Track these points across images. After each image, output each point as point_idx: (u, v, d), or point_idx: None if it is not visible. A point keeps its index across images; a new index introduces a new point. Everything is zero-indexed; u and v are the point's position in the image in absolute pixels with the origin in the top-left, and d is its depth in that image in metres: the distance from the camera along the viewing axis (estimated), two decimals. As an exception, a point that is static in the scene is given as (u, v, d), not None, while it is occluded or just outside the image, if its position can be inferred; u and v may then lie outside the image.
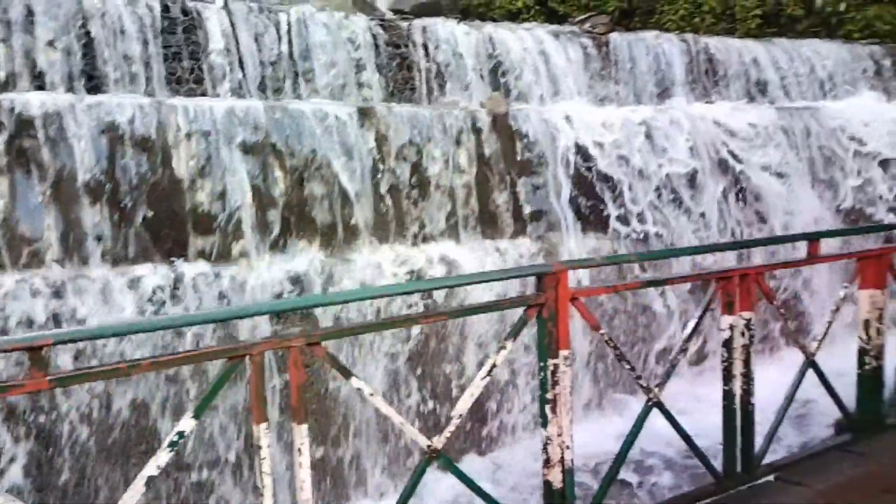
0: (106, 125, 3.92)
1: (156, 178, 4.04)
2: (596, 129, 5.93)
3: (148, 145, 4.02)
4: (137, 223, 3.95)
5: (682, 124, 6.28)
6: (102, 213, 3.88)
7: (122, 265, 3.91)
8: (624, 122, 6.09)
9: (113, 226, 3.89)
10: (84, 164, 3.84)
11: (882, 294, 3.49)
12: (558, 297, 2.72)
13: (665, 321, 5.53)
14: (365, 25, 6.14)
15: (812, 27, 10.00)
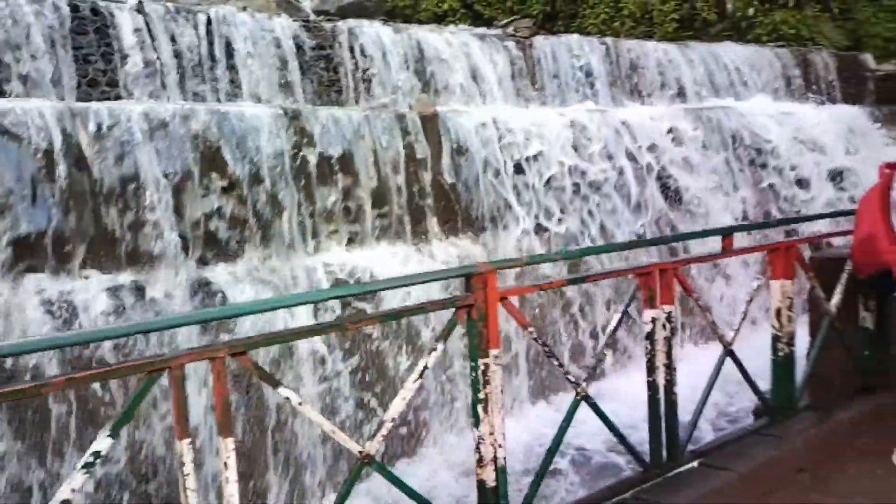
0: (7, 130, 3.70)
1: (69, 185, 3.84)
2: (523, 131, 6.03)
3: (57, 150, 3.81)
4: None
5: (605, 125, 6.48)
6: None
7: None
8: (550, 123, 6.22)
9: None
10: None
11: (791, 284, 3.68)
12: (487, 297, 2.74)
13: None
14: (288, 26, 6.04)
15: (725, 31, 10.51)
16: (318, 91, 6.08)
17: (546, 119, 6.28)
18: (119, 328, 2.89)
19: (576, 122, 6.35)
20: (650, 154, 6.56)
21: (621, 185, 6.26)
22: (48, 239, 3.73)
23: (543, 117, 6.31)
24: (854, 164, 7.30)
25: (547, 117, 6.33)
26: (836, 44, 10.28)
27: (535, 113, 6.44)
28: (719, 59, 8.20)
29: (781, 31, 10.12)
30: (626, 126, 6.58)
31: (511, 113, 6.26)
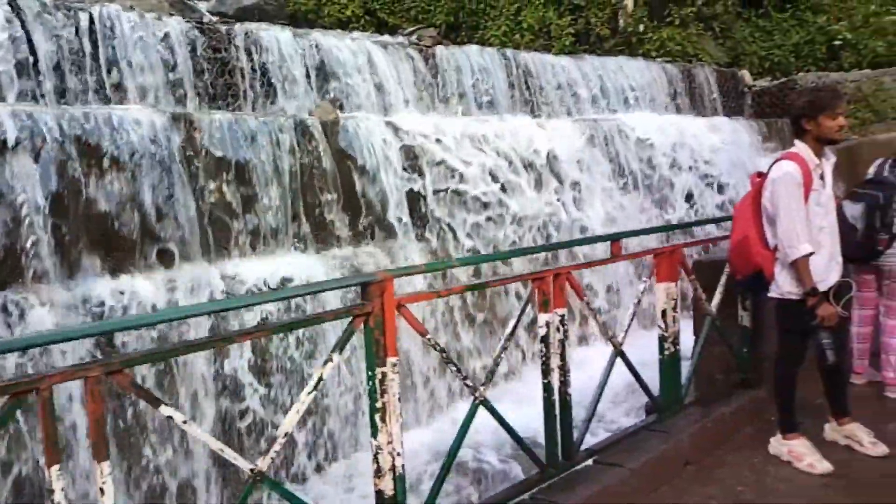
0: None
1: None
2: (424, 139, 6.06)
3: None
4: None
5: (503, 135, 6.62)
6: None
7: None
8: (451, 131, 6.29)
9: None
10: None
11: (675, 286, 3.89)
12: (384, 305, 2.72)
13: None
14: (180, 28, 5.80)
15: (617, 46, 11.02)
16: (213, 95, 5.86)
17: (447, 127, 6.34)
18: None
19: (477, 131, 6.45)
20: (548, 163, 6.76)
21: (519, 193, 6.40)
22: None
23: (446, 125, 6.37)
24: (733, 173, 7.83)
25: (449, 125, 6.39)
26: (718, 60, 11.02)
27: (437, 120, 6.49)
28: (611, 73, 8.58)
29: (668, 48, 10.72)
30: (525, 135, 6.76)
31: (412, 120, 6.27)
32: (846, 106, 3.71)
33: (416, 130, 5.99)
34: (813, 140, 3.36)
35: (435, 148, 6.04)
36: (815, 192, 3.34)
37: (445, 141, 6.18)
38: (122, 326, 2.26)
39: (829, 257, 3.43)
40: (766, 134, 8.96)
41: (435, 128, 6.23)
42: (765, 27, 11.59)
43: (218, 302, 3.46)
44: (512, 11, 10.97)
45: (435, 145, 6.05)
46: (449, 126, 6.37)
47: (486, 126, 6.60)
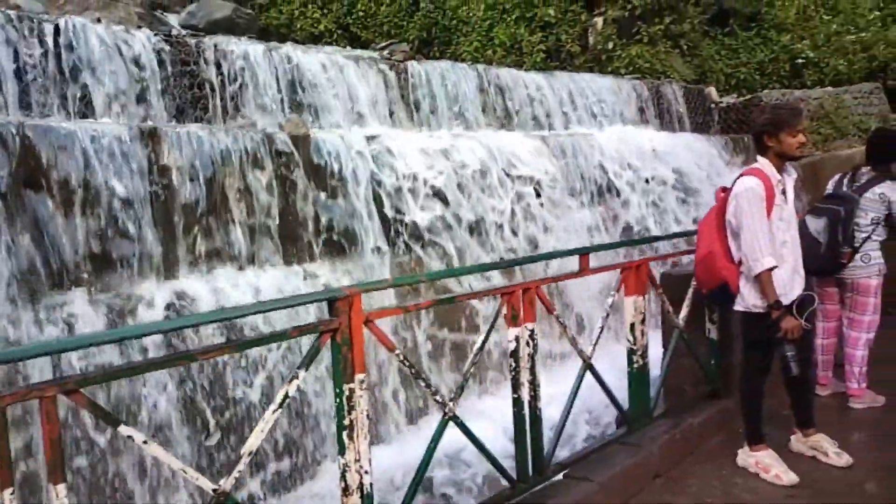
0: None
1: None
2: (396, 153, 6.06)
3: None
4: None
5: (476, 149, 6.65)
6: None
7: None
8: (423, 145, 6.30)
9: None
10: None
11: (643, 299, 3.93)
12: (351, 320, 2.69)
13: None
14: (148, 40, 5.73)
15: (587, 63, 11.19)
16: (181, 108, 5.80)
17: (420, 142, 6.35)
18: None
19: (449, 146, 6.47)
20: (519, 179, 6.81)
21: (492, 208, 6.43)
22: None
23: (418, 139, 6.38)
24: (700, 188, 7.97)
25: (422, 139, 6.40)
26: (685, 77, 11.25)
27: (410, 135, 6.50)
28: (581, 88, 8.70)
29: (637, 65, 10.92)
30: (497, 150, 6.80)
31: (384, 134, 6.27)
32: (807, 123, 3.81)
33: (387, 144, 5.99)
34: (774, 156, 3.44)
35: (407, 162, 6.04)
36: (778, 207, 3.41)
37: (417, 155, 6.19)
38: (74, 345, 2.20)
39: (792, 271, 3.49)
40: (732, 149, 9.15)
41: (407, 141, 6.23)
42: (731, 45, 11.87)
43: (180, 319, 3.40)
44: (484, 28, 11.09)
45: (407, 159, 6.05)
46: (421, 140, 6.39)
47: (458, 140, 6.63)
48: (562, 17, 11.19)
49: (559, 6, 11.21)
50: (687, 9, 11.36)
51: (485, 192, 6.36)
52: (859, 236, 4.17)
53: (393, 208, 5.80)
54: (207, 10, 9.50)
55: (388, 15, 11.02)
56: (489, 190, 6.39)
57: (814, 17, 12.22)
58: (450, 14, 11.05)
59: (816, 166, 8.71)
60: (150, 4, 9.74)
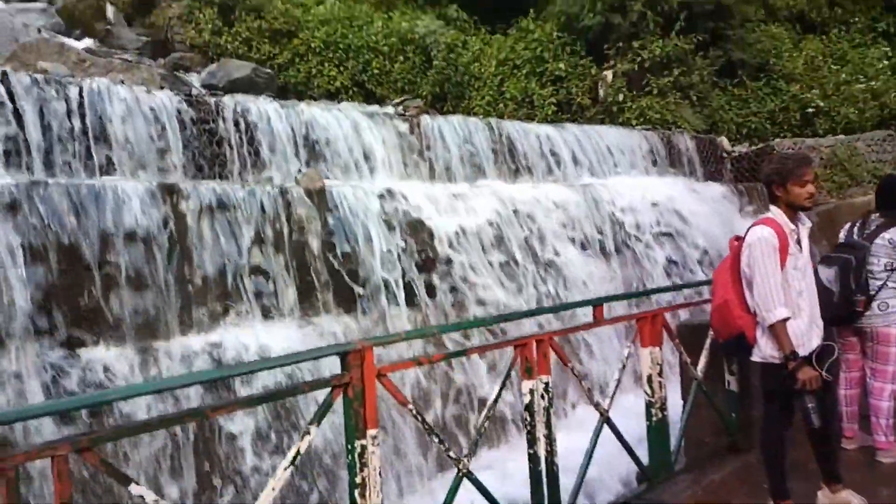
0: None
1: None
2: (410, 205, 6.14)
3: None
4: None
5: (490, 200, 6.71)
6: None
7: None
8: (437, 198, 6.38)
9: None
10: None
11: (659, 350, 3.88)
12: (364, 375, 2.68)
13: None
14: (170, 100, 5.91)
15: (598, 114, 11.35)
16: (200, 166, 5.94)
17: (433, 193, 6.43)
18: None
19: (462, 197, 6.54)
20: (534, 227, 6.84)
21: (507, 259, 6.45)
22: None
23: (430, 192, 6.46)
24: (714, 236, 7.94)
25: (434, 191, 6.49)
26: (696, 127, 11.35)
27: (421, 187, 6.59)
28: (593, 140, 8.80)
29: (648, 116, 11.05)
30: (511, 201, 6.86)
31: (399, 188, 6.36)
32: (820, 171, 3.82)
33: (401, 197, 6.07)
34: (785, 206, 3.43)
35: (420, 214, 6.11)
36: (792, 257, 3.38)
37: (431, 206, 6.26)
38: (81, 404, 2.21)
39: (810, 321, 3.44)
40: (745, 198, 9.14)
41: (420, 194, 6.31)
42: (740, 95, 12.00)
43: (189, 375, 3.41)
44: (496, 83, 11.32)
45: (420, 211, 6.12)
46: (434, 191, 6.47)
47: (471, 191, 6.70)
48: (572, 70, 11.42)
49: (569, 61, 11.45)
50: (695, 61, 11.54)
51: (500, 243, 6.38)
52: (874, 284, 4.11)
53: (407, 260, 5.83)
54: (227, 70, 9.82)
55: (402, 72, 11.30)
56: (504, 240, 6.41)
57: (822, 68, 12.35)
58: (462, 70, 11.31)
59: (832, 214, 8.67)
60: (173, 66, 10.09)
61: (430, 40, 11.31)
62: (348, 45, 11.14)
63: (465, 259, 6.16)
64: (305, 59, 11.06)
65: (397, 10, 12.24)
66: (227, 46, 10.85)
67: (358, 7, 11.92)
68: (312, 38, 11.05)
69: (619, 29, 11.39)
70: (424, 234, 6.05)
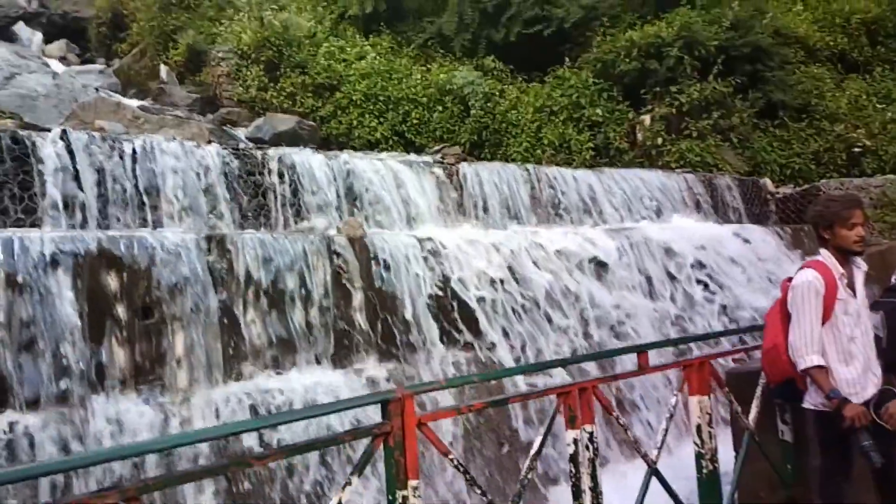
0: None
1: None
2: (450, 252, 6.17)
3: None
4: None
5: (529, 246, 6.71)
6: None
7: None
8: (477, 243, 6.40)
9: None
10: None
11: (708, 399, 3.76)
12: (404, 424, 2.67)
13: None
14: (218, 154, 6.14)
15: (637, 158, 11.32)
16: (246, 215, 6.12)
17: (472, 239, 6.46)
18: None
19: (502, 243, 6.55)
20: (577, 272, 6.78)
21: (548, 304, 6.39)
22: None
23: (470, 238, 6.50)
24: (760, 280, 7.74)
25: (473, 237, 6.52)
26: (738, 169, 11.20)
27: (462, 234, 6.63)
28: (632, 183, 8.76)
29: (688, 158, 10.96)
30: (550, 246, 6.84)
31: (438, 234, 6.42)
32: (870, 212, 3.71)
33: (440, 243, 6.12)
34: (834, 249, 3.34)
35: (460, 259, 6.13)
36: (842, 302, 3.27)
37: (471, 252, 6.28)
38: (119, 455, 2.24)
39: (864, 368, 3.30)
40: (792, 240, 8.93)
41: (459, 240, 6.35)
42: (783, 136, 11.83)
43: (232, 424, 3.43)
44: (533, 129, 11.43)
45: (460, 257, 6.14)
46: (473, 237, 6.50)
47: (510, 237, 6.71)
48: (609, 116, 11.46)
49: (606, 106, 11.51)
50: (734, 103, 11.47)
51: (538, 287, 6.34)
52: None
53: (446, 306, 5.84)
54: (272, 123, 10.15)
55: (441, 121, 11.51)
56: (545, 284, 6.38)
57: (867, 107, 12.13)
58: (499, 118, 11.46)
59: (885, 255, 8.37)
60: (221, 120, 10.49)
61: (468, 90, 11.53)
62: (388, 97, 11.43)
63: (504, 304, 6.13)
64: (347, 112, 11.37)
65: (435, 63, 12.54)
66: (273, 101, 11.25)
67: (397, 61, 12.26)
68: (353, 91, 11.38)
69: (656, 74, 11.43)
70: (464, 280, 6.05)
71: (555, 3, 12.54)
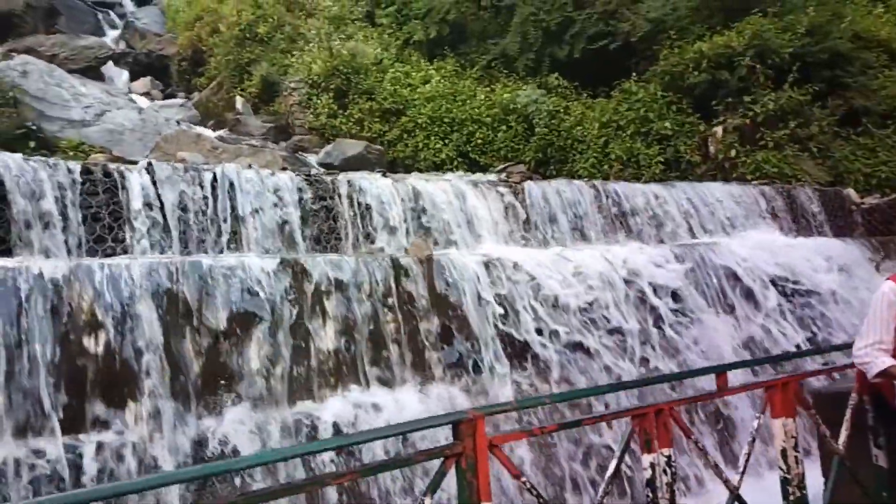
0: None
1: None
2: (518, 270, 6.15)
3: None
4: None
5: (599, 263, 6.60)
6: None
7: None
8: (543, 262, 6.36)
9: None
10: None
11: (793, 422, 3.58)
12: (476, 445, 2.67)
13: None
14: (291, 180, 6.37)
15: (709, 171, 10.99)
16: (318, 239, 6.30)
17: (542, 258, 6.42)
18: (103, 489, 2.78)
19: (571, 260, 6.48)
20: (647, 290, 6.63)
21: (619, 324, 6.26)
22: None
23: (538, 257, 6.46)
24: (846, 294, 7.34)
25: (542, 257, 6.48)
26: (818, 179, 10.70)
27: (529, 252, 6.60)
28: (705, 197, 8.51)
29: (764, 170, 10.56)
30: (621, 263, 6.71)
31: (505, 253, 6.41)
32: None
33: (507, 263, 6.11)
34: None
35: (526, 279, 6.10)
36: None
37: (538, 271, 6.24)
38: (189, 477, 2.33)
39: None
40: (880, 252, 8.44)
41: (526, 259, 6.32)
42: (867, 144, 11.25)
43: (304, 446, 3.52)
44: (599, 145, 11.29)
45: (526, 277, 6.11)
46: (541, 256, 6.46)
47: (579, 255, 6.63)
48: (678, 128, 11.20)
49: (675, 119, 11.26)
50: (813, 112, 11.00)
51: (611, 306, 6.23)
52: None
53: (515, 325, 5.81)
54: (341, 149, 10.45)
55: (505, 140, 11.54)
56: (616, 303, 6.26)
57: (960, 110, 11.41)
58: (565, 134, 11.39)
59: None
60: (293, 148, 10.88)
61: (532, 108, 11.53)
62: (453, 119, 11.57)
63: (574, 324, 6.04)
64: (413, 135, 11.58)
65: (499, 83, 12.62)
66: (342, 127, 11.58)
67: (461, 83, 12.40)
68: (419, 114, 11.58)
69: (727, 84, 11.12)
70: (531, 299, 6.01)
71: (620, 17, 12.42)
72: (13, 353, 3.66)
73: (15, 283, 3.76)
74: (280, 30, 13.39)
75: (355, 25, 13.71)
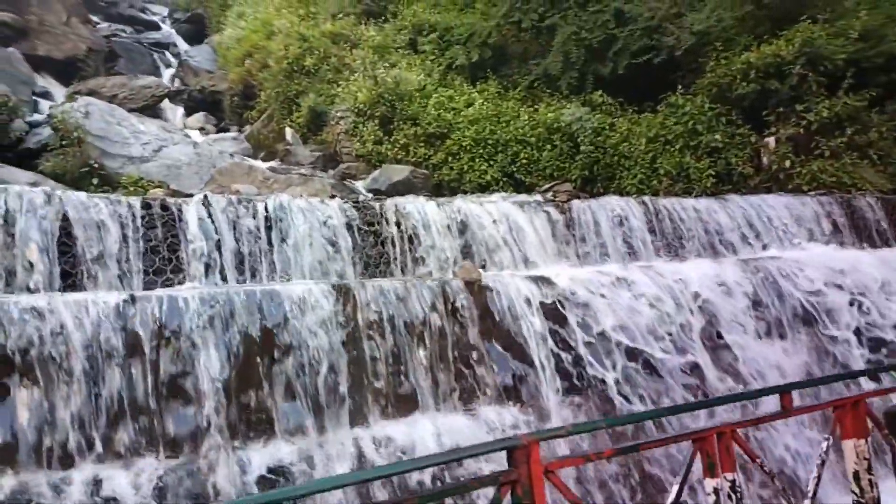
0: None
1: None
2: (568, 291, 6.08)
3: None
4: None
5: (650, 281, 6.48)
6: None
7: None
8: (595, 282, 6.27)
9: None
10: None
11: (866, 443, 3.41)
12: (531, 471, 2.63)
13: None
14: (339, 208, 6.49)
15: (763, 183, 10.69)
16: (367, 264, 6.38)
17: (590, 278, 6.34)
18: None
19: (620, 280, 6.38)
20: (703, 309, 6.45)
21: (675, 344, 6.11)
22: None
23: (586, 277, 6.38)
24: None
25: (590, 276, 6.39)
26: (880, 188, 10.28)
27: (577, 272, 6.53)
28: (760, 210, 8.27)
29: (822, 179, 10.21)
30: (674, 281, 6.56)
31: (554, 273, 6.35)
32: None
33: (556, 283, 6.05)
34: None
35: (577, 299, 6.02)
36: None
37: (587, 291, 6.15)
38: (271, 499, 2.36)
39: None
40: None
41: (576, 279, 6.25)
42: (932, 148, 10.79)
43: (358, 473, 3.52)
44: (647, 160, 11.12)
45: (576, 296, 6.03)
46: (590, 276, 6.37)
47: (630, 273, 6.52)
48: (729, 140, 10.95)
49: (725, 131, 11.01)
50: (871, 117, 10.61)
51: (665, 325, 6.08)
52: None
53: (566, 346, 5.73)
54: (388, 174, 10.59)
55: (550, 159, 11.48)
56: (670, 322, 6.11)
57: None
58: (611, 151, 11.26)
59: None
60: (341, 175, 11.08)
61: (577, 126, 11.45)
62: (497, 140, 11.59)
63: (627, 344, 5.92)
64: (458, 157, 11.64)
65: (542, 103, 12.59)
66: (388, 153, 11.74)
67: (504, 104, 12.43)
68: (463, 137, 11.64)
69: (778, 94, 10.83)
70: (583, 319, 5.93)
71: (664, 31, 12.28)
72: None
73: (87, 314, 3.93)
74: (326, 61, 13.72)
75: (398, 54, 13.94)
